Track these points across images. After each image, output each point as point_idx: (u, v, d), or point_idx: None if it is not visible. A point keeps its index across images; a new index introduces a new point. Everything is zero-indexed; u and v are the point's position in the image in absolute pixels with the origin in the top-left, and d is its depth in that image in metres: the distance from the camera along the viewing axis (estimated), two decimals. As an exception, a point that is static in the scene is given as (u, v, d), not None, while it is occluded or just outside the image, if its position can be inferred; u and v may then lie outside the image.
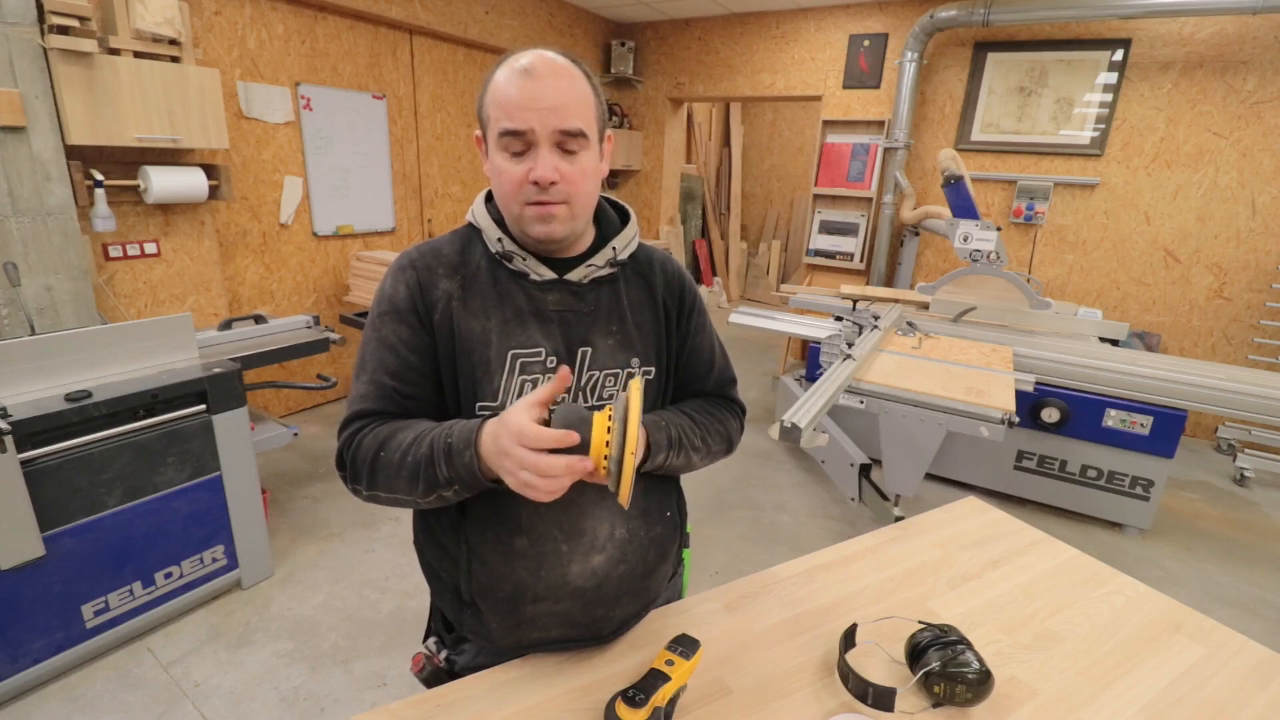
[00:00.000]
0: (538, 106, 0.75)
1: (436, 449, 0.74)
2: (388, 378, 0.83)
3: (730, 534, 2.75)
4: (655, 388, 0.90)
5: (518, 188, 0.78)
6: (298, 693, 1.83)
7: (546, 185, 0.77)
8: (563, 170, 0.77)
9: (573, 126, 0.77)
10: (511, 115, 0.76)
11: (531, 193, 0.78)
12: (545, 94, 0.75)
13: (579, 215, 0.82)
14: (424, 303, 0.83)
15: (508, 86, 0.76)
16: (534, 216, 0.79)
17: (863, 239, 4.96)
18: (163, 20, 2.47)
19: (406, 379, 0.83)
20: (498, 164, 0.79)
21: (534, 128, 0.75)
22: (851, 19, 4.73)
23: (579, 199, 0.81)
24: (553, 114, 0.75)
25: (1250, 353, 3.86)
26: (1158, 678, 0.91)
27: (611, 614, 0.88)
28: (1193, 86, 3.82)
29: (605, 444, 0.68)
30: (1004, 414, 2.08)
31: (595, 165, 0.82)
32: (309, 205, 3.60)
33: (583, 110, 0.78)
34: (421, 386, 0.84)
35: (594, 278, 0.87)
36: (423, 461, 0.75)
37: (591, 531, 0.84)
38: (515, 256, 0.84)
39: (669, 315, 0.94)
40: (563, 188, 0.78)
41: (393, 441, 0.78)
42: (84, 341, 1.82)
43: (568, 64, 0.78)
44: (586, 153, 0.79)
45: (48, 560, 1.70)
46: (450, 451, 0.73)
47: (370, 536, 2.58)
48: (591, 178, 0.82)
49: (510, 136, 0.77)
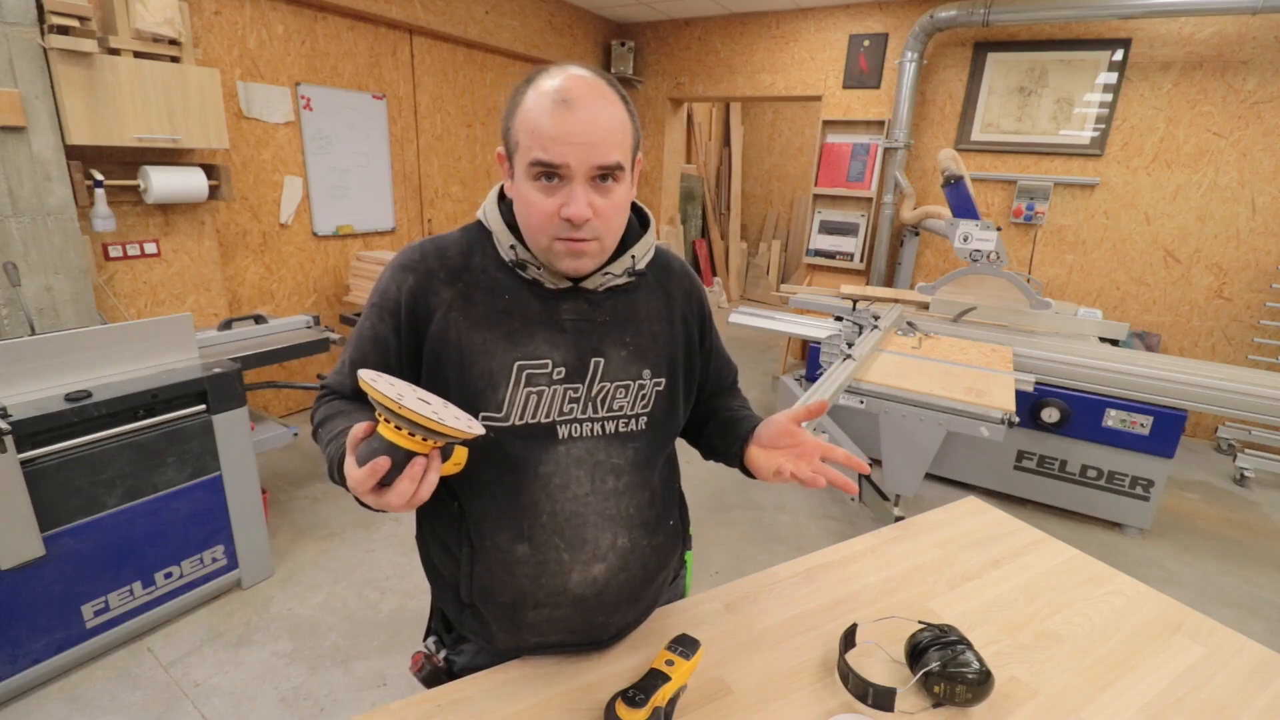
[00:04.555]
0: (574, 141, 0.71)
1: (336, 454, 0.76)
2: (353, 365, 0.86)
3: (730, 534, 2.75)
4: (666, 399, 0.88)
5: (548, 220, 0.75)
6: (298, 693, 1.83)
7: (580, 223, 0.73)
8: (597, 206, 0.74)
9: (610, 161, 0.73)
10: (546, 148, 0.71)
11: (563, 228, 0.74)
12: (583, 128, 0.71)
13: (609, 248, 0.80)
14: (416, 310, 0.82)
15: (541, 115, 0.71)
16: (564, 251, 0.76)
17: (863, 239, 4.96)
18: (163, 20, 2.47)
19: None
20: (526, 194, 0.75)
21: (570, 163, 0.71)
22: (851, 19, 4.73)
23: (611, 233, 0.78)
24: (591, 150, 0.71)
25: (1250, 353, 3.86)
26: (1158, 678, 0.91)
27: (610, 620, 0.87)
28: (1193, 86, 3.82)
29: (398, 430, 0.63)
30: (1004, 414, 2.08)
31: (628, 195, 0.79)
32: (309, 205, 3.60)
33: (620, 141, 0.74)
34: None
35: (610, 286, 0.85)
36: (332, 461, 0.77)
37: (594, 540, 0.83)
38: (529, 265, 0.81)
39: (689, 332, 0.93)
40: (596, 224, 0.75)
41: (331, 422, 0.83)
42: (84, 341, 1.82)
43: (606, 88, 0.74)
44: (620, 186, 0.76)
45: (48, 560, 1.70)
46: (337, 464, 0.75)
47: (370, 536, 2.58)
48: (624, 210, 0.79)
49: (542, 167, 0.72)
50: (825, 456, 0.82)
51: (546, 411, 0.81)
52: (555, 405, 0.81)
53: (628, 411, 0.85)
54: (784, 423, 0.85)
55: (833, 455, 0.82)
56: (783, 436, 0.85)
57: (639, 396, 0.86)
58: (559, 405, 0.82)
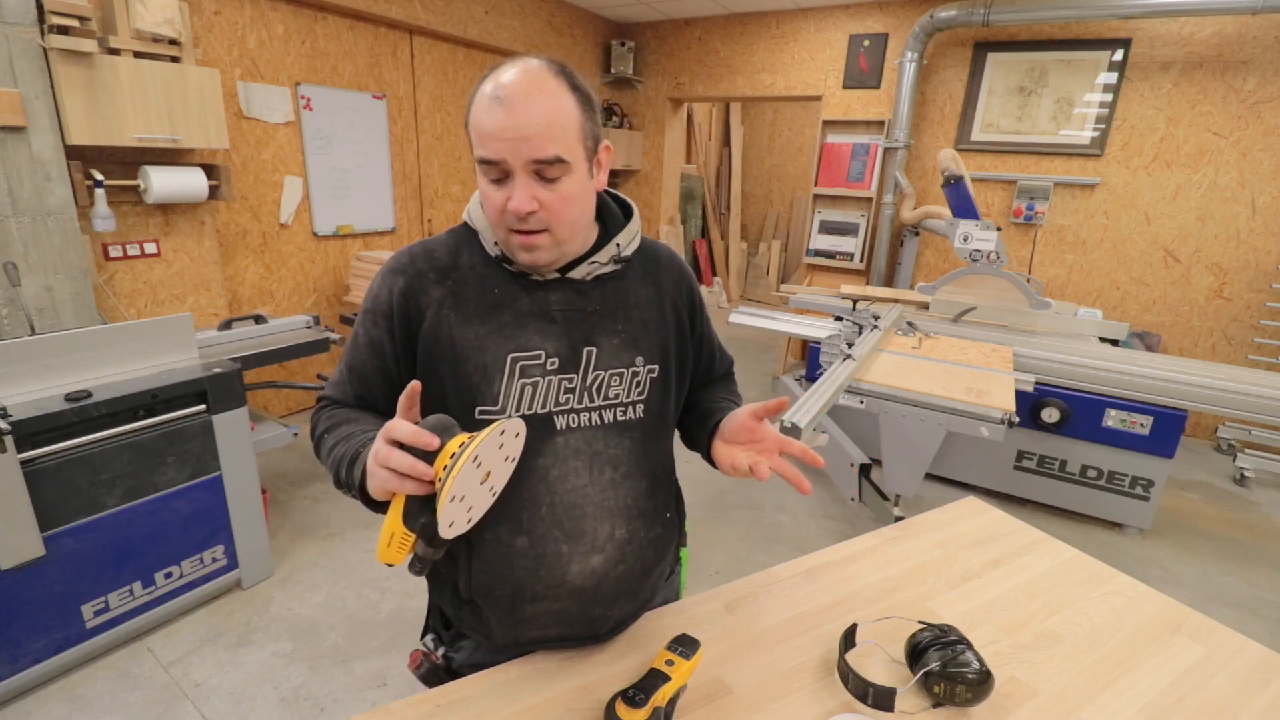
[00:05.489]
0: (508, 137, 0.72)
1: (346, 456, 0.77)
2: (351, 372, 0.88)
3: (730, 534, 2.75)
4: (660, 386, 0.90)
5: (499, 214, 0.77)
6: (298, 693, 1.83)
7: (524, 215, 0.75)
8: (542, 199, 0.75)
9: (547, 155, 0.73)
10: (485, 144, 0.73)
11: (512, 220, 0.76)
12: (518, 123, 0.71)
13: (564, 240, 0.80)
14: (408, 310, 0.83)
15: (481, 114, 0.74)
16: (518, 245, 0.79)
17: (863, 239, 4.96)
18: (163, 20, 2.47)
19: (364, 379, 0.88)
20: (482, 189, 0.79)
21: (506, 158, 0.73)
22: (851, 19, 4.73)
23: (561, 225, 0.78)
24: (525, 144, 0.72)
25: (1250, 353, 3.86)
26: (1158, 678, 0.91)
27: (609, 613, 0.88)
28: (1193, 86, 3.82)
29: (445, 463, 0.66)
30: (1004, 414, 2.08)
31: (580, 188, 0.78)
32: (309, 205, 3.60)
33: (560, 134, 0.74)
34: (373, 388, 0.88)
35: (597, 275, 0.86)
36: (340, 460, 0.78)
37: (592, 532, 0.83)
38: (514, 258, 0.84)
39: (680, 319, 0.94)
40: (541, 216, 0.76)
41: (336, 430, 0.83)
42: (84, 341, 1.82)
43: (550, 80, 0.74)
44: (568, 178, 0.76)
45: (48, 560, 1.70)
46: (355, 461, 0.75)
47: (370, 536, 2.57)
48: (576, 203, 0.78)
49: (486, 164, 0.75)
50: (783, 450, 0.84)
51: (543, 402, 0.82)
52: (551, 396, 0.82)
53: (624, 399, 0.86)
54: (744, 418, 0.86)
55: (790, 449, 0.83)
56: (743, 431, 0.87)
57: (634, 384, 0.87)
58: (555, 396, 0.82)
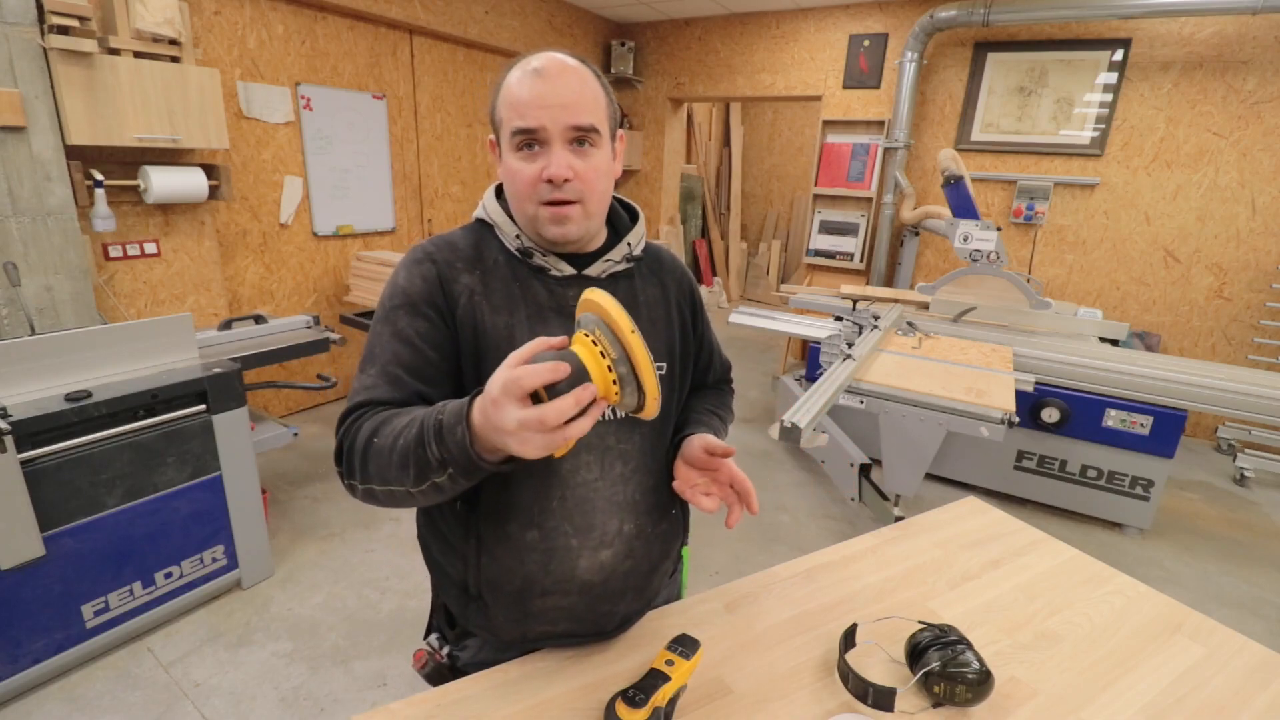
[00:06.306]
0: (549, 104, 0.76)
1: (427, 428, 0.66)
2: (401, 370, 0.78)
3: (730, 534, 2.75)
4: (667, 384, 0.91)
5: (531, 187, 0.79)
6: (298, 693, 1.83)
7: (560, 182, 0.77)
8: (576, 167, 0.78)
9: (585, 122, 0.78)
10: (524, 114, 0.77)
11: (545, 191, 0.78)
12: (557, 92, 0.76)
13: (593, 214, 0.83)
14: (445, 295, 0.81)
15: (519, 87, 0.77)
16: (549, 218, 0.80)
17: (863, 239, 4.96)
18: (163, 20, 2.47)
19: (422, 374, 0.79)
20: (511, 165, 0.80)
21: (546, 125, 0.76)
22: (851, 19, 4.73)
23: (593, 197, 0.81)
24: (564, 111, 0.76)
25: (1250, 353, 3.86)
26: (1158, 678, 0.91)
27: (615, 609, 0.88)
28: (1193, 86, 3.82)
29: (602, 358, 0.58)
30: (1004, 414, 2.08)
31: (608, 164, 0.83)
32: (309, 205, 3.60)
33: (594, 107, 0.79)
34: (437, 382, 0.79)
35: (611, 273, 0.88)
36: (413, 443, 0.66)
37: (602, 526, 0.84)
38: (535, 253, 0.84)
39: (683, 319, 0.96)
40: (576, 185, 0.78)
41: (386, 426, 0.71)
42: (84, 341, 1.82)
43: (578, 64, 0.79)
44: (599, 150, 0.80)
45: (48, 560, 1.70)
46: (441, 429, 0.64)
47: (370, 536, 2.58)
48: (605, 176, 0.82)
49: (523, 135, 0.77)
50: (733, 484, 0.86)
51: None
52: None
53: None
54: (698, 449, 0.88)
55: (740, 486, 0.85)
56: (698, 460, 0.88)
57: None
58: None
